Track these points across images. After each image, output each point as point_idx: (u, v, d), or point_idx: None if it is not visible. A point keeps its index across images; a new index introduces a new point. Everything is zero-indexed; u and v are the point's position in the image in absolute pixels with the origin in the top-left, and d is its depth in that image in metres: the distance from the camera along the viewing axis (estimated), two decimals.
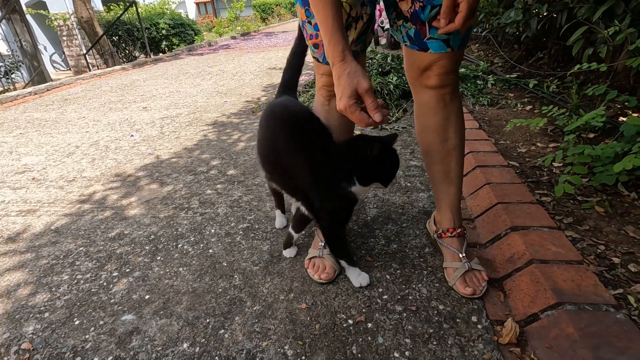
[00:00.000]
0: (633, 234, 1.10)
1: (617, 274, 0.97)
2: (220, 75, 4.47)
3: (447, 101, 0.92)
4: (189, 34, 9.34)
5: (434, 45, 0.83)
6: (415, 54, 0.87)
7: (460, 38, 0.82)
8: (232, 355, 0.84)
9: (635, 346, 0.69)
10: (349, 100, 0.70)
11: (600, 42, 1.82)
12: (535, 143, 1.78)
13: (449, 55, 0.84)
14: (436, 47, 0.83)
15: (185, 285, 1.06)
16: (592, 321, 0.74)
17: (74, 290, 1.08)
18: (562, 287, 0.83)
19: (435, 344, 0.82)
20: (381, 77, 2.66)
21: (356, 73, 0.70)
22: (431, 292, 0.97)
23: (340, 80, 0.71)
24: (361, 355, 0.81)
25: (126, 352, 0.87)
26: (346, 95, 0.70)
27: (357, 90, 0.70)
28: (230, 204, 1.48)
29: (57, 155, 2.22)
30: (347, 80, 0.70)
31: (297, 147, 0.89)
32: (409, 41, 0.87)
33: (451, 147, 0.96)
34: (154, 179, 1.78)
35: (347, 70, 0.71)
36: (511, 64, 3.07)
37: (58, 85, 4.74)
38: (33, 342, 0.91)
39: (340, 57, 0.72)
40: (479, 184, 1.36)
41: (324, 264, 1.04)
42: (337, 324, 0.90)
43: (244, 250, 1.19)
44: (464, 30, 0.78)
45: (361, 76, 0.70)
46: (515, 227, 1.07)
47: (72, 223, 1.44)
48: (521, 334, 0.82)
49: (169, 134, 2.43)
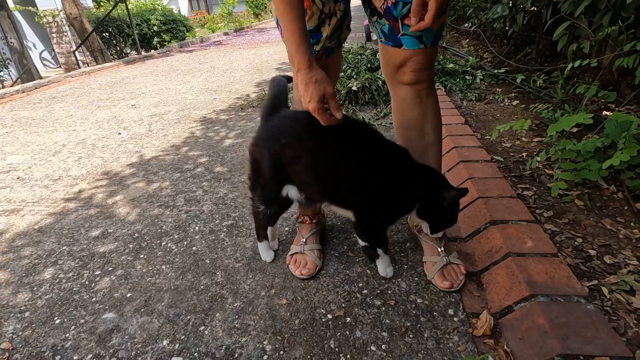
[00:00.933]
0: (610, 227, 1.12)
1: (592, 266, 0.99)
2: (210, 72, 4.44)
3: (423, 97, 0.93)
4: (180, 30, 9.25)
5: (407, 42, 0.84)
6: (390, 50, 0.88)
7: (433, 34, 0.83)
8: (211, 351, 0.84)
9: (602, 336, 0.70)
10: (318, 104, 0.79)
11: (584, 37, 1.84)
12: (520, 138, 1.80)
13: (422, 52, 0.85)
14: (409, 44, 0.84)
15: (167, 282, 1.07)
16: (562, 312, 0.76)
17: (56, 289, 1.08)
18: (536, 280, 0.85)
19: (412, 337, 0.84)
20: (370, 73, 2.66)
21: (322, 80, 0.79)
22: (410, 286, 0.98)
23: (308, 86, 0.79)
24: (339, 349, 0.82)
25: (106, 350, 0.87)
26: (315, 100, 0.79)
27: (325, 95, 0.79)
28: (216, 202, 1.48)
29: (43, 154, 2.20)
30: (315, 87, 0.79)
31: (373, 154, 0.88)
32: (384, 37, 0.87)
33: (428, 143, 0.96)
34: (140, 177, 1.77)
35: (314, 77, 0.79)
36: (500, 59, 3.08)
37: (46, 83, 4.68)
38: (13, 342, 0.91)
39: (306, 64, 0.79)
40: (461, 178, 1.37)
41: (305, 260, 1.05)
42: (316, 319, 0.90)
43: (227, 248, 1.20)
44: (436, 27, 0.79)
45: (326, 83, 0.80)
46: (495, 221, 1.08)
47: (56, 222, 1.44)
48: (496, 325, 0.83)
49: (157, 132, 2.42)
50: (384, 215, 0.93)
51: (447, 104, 2.21)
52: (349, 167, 0.87)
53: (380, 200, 0.89)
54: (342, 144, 0.86)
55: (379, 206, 0.90)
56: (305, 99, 0.80)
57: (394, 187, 0.88)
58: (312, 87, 0.78)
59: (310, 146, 0.87)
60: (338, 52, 0.98)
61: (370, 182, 0.87)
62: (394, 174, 0.88)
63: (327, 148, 0.87)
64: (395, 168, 0.89)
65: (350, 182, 0.88)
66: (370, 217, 0.92)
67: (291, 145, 0.88)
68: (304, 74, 0.79)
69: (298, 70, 0.80)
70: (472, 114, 2.18)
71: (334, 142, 0.87)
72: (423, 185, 0.90)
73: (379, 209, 0.91)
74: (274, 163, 0.90)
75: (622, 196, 1.25)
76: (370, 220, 0.93)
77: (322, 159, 0.88)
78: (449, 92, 2.60)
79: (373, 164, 0.87)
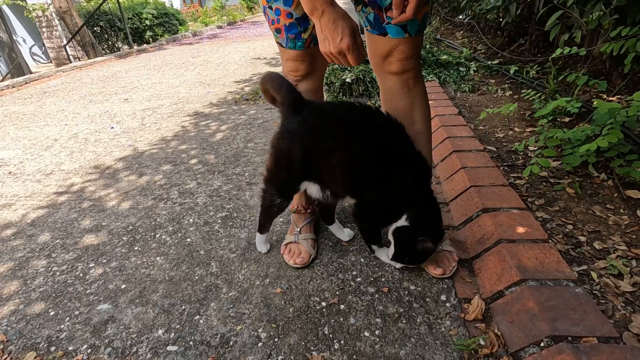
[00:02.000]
0: (600, 214, 1.14)
1: (582, 251, 1.01)
2: (204, 66, 4.40)
3: (410, 86, 0.93)
4: (173, 24, 9.13)
5: (392, 30, 0.84)
6: (376, 39, 0.88)
7: (417, 24, 0.83)
8: (206, 339, 0.85)
9: (590, 317, 0.72)
10: (350, 38, 0.75)
11: (576, 27, 1.85)
12: (513, 128, 1.81)
13: (407, 41, 0.85)
14: (394, 32, 0.84)
15: (162, 273, 1.07)
16: (551, 296, 0.77)
17: (50, 282, 1.07)
18: (527, 265, 0.86)
19: (405, 323, 0.85)
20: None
21: (347, 15, 0.76)
22: (404, 273, 0.99)
23: (337, 23, 0.75)
24: (333, 336, 0.83)
25: (101, 340, 0.87)
26: (347, 34, 0.75)
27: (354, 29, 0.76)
28: (210, 194, 1.48)
29: (35, 149, 2.18)
30: (344, 21, 0.75)
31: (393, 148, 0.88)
32: (369, 26, 0.87)
33: (418, 131, 0.97)
34: (134, 170, 1.76)
35: (341, 13, 0.76)
36: (493, 50, 3.09)
37: (37, 78, 4.62)
38: (7, 334, 0.91)
39: (329, 2, 0.76)
40: (454, 168, 1.38)
41: (299, 249, 1.05)
42: (310, 307, 0.91)
43: (221, 239, 1.20)
44: (420, 17, 0.79)
45: (351, 19, 0.77)
46: (486, 209, 1.09)
47: (49, 216, 1.43)
48: (487, 310, 0.85)
49: (150, 126, 2.40)
50: (382, 214, 0.94)
51: (440, 95, 2.21)
52: (375, 162, 0.87)
53: (385, 197, 0.90)
54: (373, 138, 0.86)
55: (382, 202, 0.91)
56: (336, 37, 0.76)
57: (399, 186, 0.89)
58: (341, 22, 0.75)
59: (346, 141, 0.86)
60: None
61: (384, 177, 0.88)
62: (404, 173, 0.88)
63: (361, 142, 0.86)
64: (408, 169, 0.89)
65: (374, 176, 0.88)
66: (372, 211, 0.93)
67: (327, 139, 0.86)
68: (329, 12, 0.75)
69: (322, 12, 0.76)
70: (465, 105, 2.19)
71: (367, 137, 0.86)
72: (416, 201, 0.90)
73: (381, 205, 0.92)
74: (305, 157, 0.89)
75: (612, 184, 1.26)
76: (370, 215, 0.94)
77: (356, 153, 0.86)
78: (442, 84, 2.60)
79: (394, 160, 0.87)
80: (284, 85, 0.90)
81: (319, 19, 0.77)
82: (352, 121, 0.86)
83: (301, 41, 0.92)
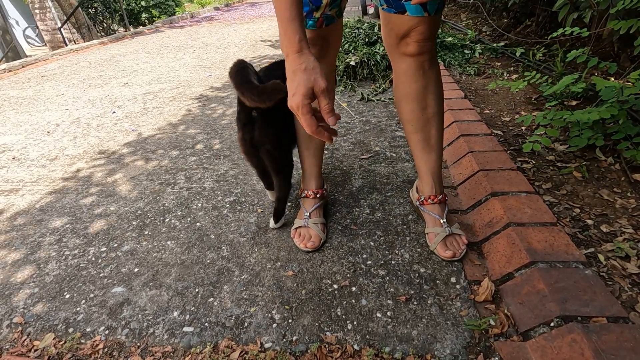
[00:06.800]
0: (607, 197, 1.15)
1: (589, 234, 1.02)
2: (203, 49, 4.33)
3: (425, 68, 0.92)
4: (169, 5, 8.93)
5: (411, 8, 0.82)
6: (393, 18, 0.86)
7: (437, 2, 0.81)
8: (221, 321, 0.87)
9: (599, 298, 0.73)
10: (303, 99, 0.63)
11: (585, 7, 1.81)
12: (519, 112, 1.80)
13: (426, 20, 0.83)
14: (413, 10, 0.82)
15: (173, 257, 1.08)
16: (561, 277, 0.79)
17: (63, 266, 1.09)
18: (536, 248, 0.87)
19: (416, 304, 0.87)
20: (368, 48, 2.61)
21: (314, 70, 0.64)
22: (413, 256, 1.01)
23: (295, 75, 0.64)
24: (345, 317, 0.85)
25: (118, 322, 0.89)
26: (300, 93, 0.63)
27: (314, 89, 0.64)
28: (217, 178, 1.48)
29: (37, 134, 2.16)
30: (304, 76, 0.63)
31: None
32: (386, 4, 0.85)
33: (430, 115, 0.96)
34: (139, 155, 1.76)
35: (304, 65, 0.64)
36: (499, 32, 3.03)
37: (33, 62, 4.54)
38: (25, 316, 0.92)
39: (296, 48, 0.65)
40: (462, 152, 1.38)
41: (310, 233, 1.06)
42: (322, 289, 0.93)
43: (231, 223, 1.21)
44: None
45: (319, 74, 0.64)
46: (495, 192, 1.10)
47: (57, 201, 1.43)
48: (496, 292, 0.86)
49: (152, 110, 2.38)
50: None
51: (446, 79, 2.19)
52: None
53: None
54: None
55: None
56: (290, 92, 0.65)
57: None
58: (300, 76, 0.63)
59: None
60: (339, 21, 0.95)
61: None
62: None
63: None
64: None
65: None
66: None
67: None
68: (292, 59, 0.65)
69: (287, 55, 0.67)
70: (470, 89, 2.17)
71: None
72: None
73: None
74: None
75: (619, 167, 1.27)
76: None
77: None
78: (447, 67, 2.57)
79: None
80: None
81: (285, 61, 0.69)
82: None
83: (313, 20, 0.90)
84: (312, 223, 1.08)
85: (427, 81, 0.94)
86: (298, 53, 0.66)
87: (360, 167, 1.46)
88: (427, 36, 0.87)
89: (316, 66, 0.65)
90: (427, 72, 0.93)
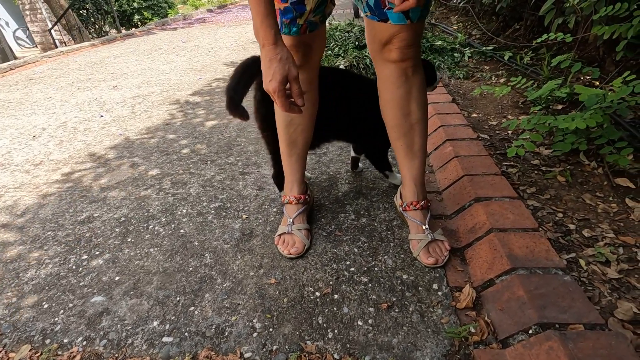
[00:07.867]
0: (589, 202, 1.16)
1: (571, 239, 1.02)
2: (195, 51, 4.31)
3: (408, 75, 0.92)
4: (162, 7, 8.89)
5: (393, 16, 0.82)
6: (376, 25, 0.86)
7: (419, 10, 0.81)
8: (201, 330, 0.86)
9: (577, 305, 0.74)
10: (279, 85, 0.74)
11: (569, 12, 1.83)
12: (506, 116, 1.81)
13: (409, 27, 0.83)
14: (396, 18, 0.82)
15: (155, 265, 1.07)
16: (540, 284, 0.79)
17: (42, 274, 1.07)
18: (517, 254, 0.87)
19: (398, 312, 0.86)
20: (358, 51, 2.62)
21: (287, 60, 0.75)
22: (396, 262, 1.01)
23: (271, 63, 0.75)
24: (327, 325, 0.84)
25: (96, 332, 0.88)
26: (277, 80, 0.74)
27: (288, 76, 0.75)
28: (203, 184, 1.47)
29: (22, 138, 2.13)
30: (279, 65, 0.74)
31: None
32: (369, 11, 0.85)
33: (414, 122, 0.96)
34: (125, 160, 1.74)
35: (279, 55, 0.75)
36: (488, 35, 3.06)
37: (22, 64, 4.49)
38: (1, 327, 0.91)
39: (272, 40, 0.75)
40: (447, 157, 1.38)
41: (294, 240, 1.06)
42: (304, 297, 0.92)
43: (215, 229, 1.20)
44: (422, 3, 0.77)
45: (291, 64, 0.75)
46: (479, 198, 1.10)
47: (40, 208, 1.41)
48: (478, 298, 0.86)
49: (141, 114, 2.36)
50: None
51: None
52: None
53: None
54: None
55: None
56: (266, 77, 0.76)
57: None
58: (276, 64, 0.74)
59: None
60: (322, 27, 0.96)
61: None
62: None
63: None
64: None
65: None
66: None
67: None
68: (268, 49, 0.75)
69: (263, 45, 0.76)
70: (459, 92, 2.18)
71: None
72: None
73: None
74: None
75: (602, 172, 1.28)
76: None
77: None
78: (436, 70, 2.58)
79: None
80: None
81: (260, 49, 0.78)
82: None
83: (296, 27, 0.90)
84: (296, 229, 1.08)
85: (410, 87, 0.94)
86: (274, 45, 0.75)
87: (347, 172, 1.46)
88: (410, 43, 0.87)
89: (289, 56, 0.76)
90: (410, 79, 0.93)
